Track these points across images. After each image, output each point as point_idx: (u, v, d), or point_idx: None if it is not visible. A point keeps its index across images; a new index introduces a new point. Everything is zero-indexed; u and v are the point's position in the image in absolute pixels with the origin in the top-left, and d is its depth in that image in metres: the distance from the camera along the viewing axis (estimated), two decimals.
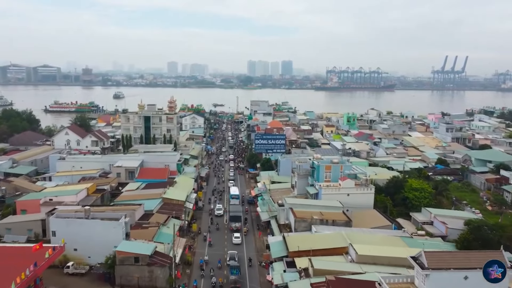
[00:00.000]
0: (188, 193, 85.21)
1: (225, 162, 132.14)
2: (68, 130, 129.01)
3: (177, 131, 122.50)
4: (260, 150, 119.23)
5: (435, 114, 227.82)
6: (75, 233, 57.50)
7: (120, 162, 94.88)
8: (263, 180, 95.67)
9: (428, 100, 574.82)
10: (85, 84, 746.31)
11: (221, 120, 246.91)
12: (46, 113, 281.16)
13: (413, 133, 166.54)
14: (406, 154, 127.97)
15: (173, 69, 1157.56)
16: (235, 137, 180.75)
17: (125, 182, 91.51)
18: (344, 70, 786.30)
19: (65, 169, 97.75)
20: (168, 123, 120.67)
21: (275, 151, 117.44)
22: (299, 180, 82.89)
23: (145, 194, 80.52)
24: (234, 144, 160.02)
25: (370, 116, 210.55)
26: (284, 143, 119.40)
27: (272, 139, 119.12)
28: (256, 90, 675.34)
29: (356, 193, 74.65)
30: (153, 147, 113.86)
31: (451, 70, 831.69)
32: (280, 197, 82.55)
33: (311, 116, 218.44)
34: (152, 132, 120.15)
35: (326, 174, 79.43)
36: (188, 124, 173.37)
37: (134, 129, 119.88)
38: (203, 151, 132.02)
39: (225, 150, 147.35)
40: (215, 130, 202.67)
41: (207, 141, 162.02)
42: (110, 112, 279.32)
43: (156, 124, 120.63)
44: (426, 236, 63.87)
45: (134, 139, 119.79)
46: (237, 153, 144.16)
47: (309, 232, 63.11)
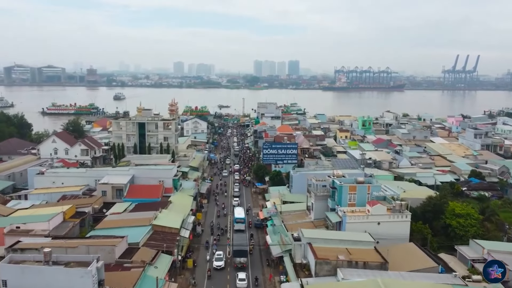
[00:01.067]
0: (185, 217, 71.82)
1: (230, 173, 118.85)
2: (56, 138, 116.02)
3: (175, 139, 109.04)
4: (269, 161, 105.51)
5: (456, 117, 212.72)
6: (33, 284, 44.17)
7: (107, 178, 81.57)
8: (273, 200, 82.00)
9: (439, 100, 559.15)
10: (90, 85, 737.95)
11: (226, 123, 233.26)
12: (44, 116, 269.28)
13: (435, 138, 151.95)
14: (433, 164, 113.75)
15: (179, 69, 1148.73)
16: (240, 143, 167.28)
17: (112, 201, 78.36)
18: (352, 70, 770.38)
19: (44, 184, 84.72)
20: (165, 131, 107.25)
21: (286, 162, 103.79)
22: (316, 202, 69.11)
23: (132, 220, 67.08)
24: (240, 152, 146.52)
25: (386, 119, 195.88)
26: (296, 153, 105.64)
27: (282, 148, 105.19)
28: (262, 90, 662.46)
29: (389, 221, 60.79)
30: (148, 157, 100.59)
31: (462, 70, 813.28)
32: (294, 222, 69.00)
33: (322, 119, 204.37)
34: (147, 140, 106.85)
35: (350, 196, 65.61)
36: (190, 129, 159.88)
37: (127, 137, 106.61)
38: (205, 161, 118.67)
39: (229, 162, 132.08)
40: (219, 135, 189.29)
41: (210, 148, 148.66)
42: (110, 115, 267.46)
43: (151, 131, 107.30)
44: (484, 284, 49.84)
45: (127, 149, 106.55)
46: (243, 162, 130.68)
47: (334, 278, 49.35)
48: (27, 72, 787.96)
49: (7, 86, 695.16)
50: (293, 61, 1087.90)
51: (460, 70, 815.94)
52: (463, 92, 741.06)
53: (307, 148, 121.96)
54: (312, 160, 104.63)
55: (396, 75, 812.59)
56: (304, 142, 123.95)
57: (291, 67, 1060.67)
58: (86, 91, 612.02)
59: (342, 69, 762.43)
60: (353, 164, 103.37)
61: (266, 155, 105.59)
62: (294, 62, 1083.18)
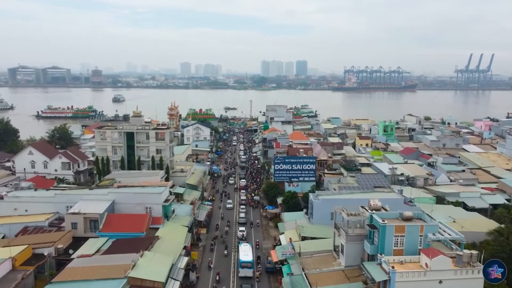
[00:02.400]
0: (174, 260, 54.89)
1: (235, 190, 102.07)
2: (32, 149, 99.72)
3: (170, 151, 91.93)
4: (282, 178, 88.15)
5: (483, 120, 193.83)
6: None
7: (79, 205, 64.84)
8: (289, 233, 64.85)
9: (454, 101, 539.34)
10: (95, 86, 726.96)
11: (232, 128, 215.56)
12: (38, 120, 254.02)
13: (468, 146, 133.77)
14: (476, 180, 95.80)
15: (186, 69, 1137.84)
16: (248, 152, 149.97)
17: (85, 236, 61.68)
18: (362, 70, 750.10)
19: (4, 212, 68.25)
20: (158, 142, 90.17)
21: (303, 179, 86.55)
22: (348, 244, 51.81)
23: (104, 268, 50.19)
24: (247, 163, 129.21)
25: (409, 123, 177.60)
26: (314, 169, 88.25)
27: (297, 163, 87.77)
28: (270, 91, 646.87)
29: (455, 279, 43.40)
30: (137, 174, 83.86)
31: (476, 69, 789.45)
32: (319, 270, 51.92)
33: (336, 123, 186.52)
34: (136, 153, 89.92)
35: (396, 240, 48.24)
36: (190, 136, 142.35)
37: (113, 149, 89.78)
38: (205, 176, 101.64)
39: (233, 181, 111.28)
40: (224, 142, 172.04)
41: (213, 159, 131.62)
42: (109, 118, 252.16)
43: (142, 142, 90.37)
44: None
45: (113, 163, 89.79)
46: (250, 177, 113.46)
47: None
48: (32, 73, 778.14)
49: (11, 88, 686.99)
50: (301, 61, 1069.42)
51: (474, 70, 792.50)
52: (477, 92, 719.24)
53: (325, 160, 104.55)
54: (333, 177, 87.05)
55: (407, 75, 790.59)
56: (321, 153, 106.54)
57: (298, 67, 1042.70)
58: (90, 92, 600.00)
59: (352, 69, 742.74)
60: (382, 181, 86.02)
61: (278, 172, 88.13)
62: (301, 62, 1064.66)
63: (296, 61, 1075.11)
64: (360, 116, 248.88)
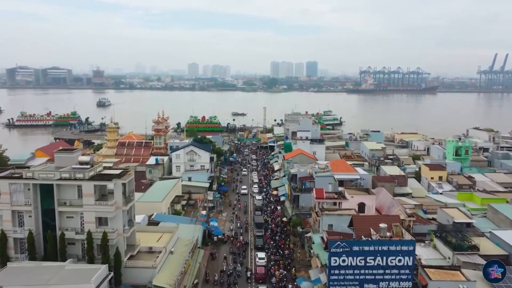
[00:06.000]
0: None
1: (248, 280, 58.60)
2: None
3: (124, 218, 48.75)
4: (344, 285, 43.17)
5: None
6: None
7: None
8: None
9: (484, 105, 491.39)
10: (96, 87, 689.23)
11: (241, 145, 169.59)
12: (10, 130, 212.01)
13: None
14: None
15: (193, 70, 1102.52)
16: (265, 187, 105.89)
17: None
18: (379, 71, 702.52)
19: None
20: (101, 204, 47.10)
21: (387, 285, 42.50)
22: None
23: None
24: (264, 212, 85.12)
25: (478, 140, 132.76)
26: (411, 266, 42.54)
27: (376, 253, 42.77)
28: (281, 93, 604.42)
29: None
30: (57, 270, 40.97)
31: (500, 70, 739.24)
32: None
33: (377, 139, 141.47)
34: (59, 223, 47.05)
35: None
36: (182, 164, 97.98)
37: (17, 217, 46.96)
38: (197, 253, 57.67)
39: (240, 270, 61.49)
40: (231, 165, 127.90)
41: (215, 202, 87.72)
42: (94, 127, 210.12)
43: (70, 203, 47.31)
44: None
45: (15, 245, 46.80)
46: (274, 244, 69.57)
47: None
48: (31, 74, 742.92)
49: (10, 89, 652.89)
50: (311, 62, 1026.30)
51: (498, 71, 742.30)
52: (501, 95, 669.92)
53: (403, 220, 60.68)
54: (444, 279, 42.88)
55: (426, 76, 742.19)
56: (394, 207, 62.60)
57: (309, 68, 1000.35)
58: (90, 94, 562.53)
59: (369, 70, 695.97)
60: None
61: (337, 270, 42.81)
62: (312, 63, 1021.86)
63: (306, 62, 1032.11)
64: (384, 122, 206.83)
